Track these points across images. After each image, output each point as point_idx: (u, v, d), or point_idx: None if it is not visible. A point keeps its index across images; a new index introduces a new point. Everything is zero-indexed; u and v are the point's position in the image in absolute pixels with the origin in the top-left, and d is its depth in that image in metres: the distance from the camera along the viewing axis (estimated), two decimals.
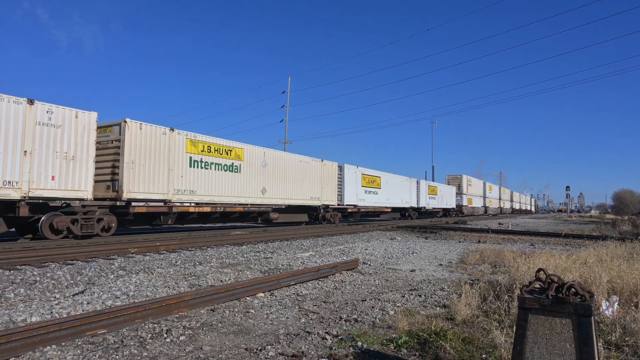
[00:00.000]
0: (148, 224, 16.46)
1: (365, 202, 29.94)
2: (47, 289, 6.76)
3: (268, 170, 21.15)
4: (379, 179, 32.51)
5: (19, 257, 9.08)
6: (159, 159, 15.64)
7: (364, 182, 29.94)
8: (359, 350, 4.21)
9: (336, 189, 26.67)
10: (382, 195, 32.63)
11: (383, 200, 32.75)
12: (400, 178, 36.50)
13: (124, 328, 4.69)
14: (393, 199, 34.44)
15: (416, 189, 39.45)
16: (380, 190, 32.37)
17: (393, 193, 34.43)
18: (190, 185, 16.81)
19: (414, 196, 38.86)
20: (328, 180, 26.05)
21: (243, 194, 19.45)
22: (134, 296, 6.36)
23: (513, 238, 18.27)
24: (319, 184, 25.08)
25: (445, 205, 46.70)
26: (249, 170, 19.83)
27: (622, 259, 7.98)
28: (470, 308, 5.44)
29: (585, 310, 2.63)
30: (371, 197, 30.90)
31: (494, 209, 69.84)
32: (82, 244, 11.92)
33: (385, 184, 33.26)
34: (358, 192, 28.95)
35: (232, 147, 19.12)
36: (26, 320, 5.01)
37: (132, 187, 14.61)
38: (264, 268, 9.22)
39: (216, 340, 4.51)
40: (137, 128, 14.93)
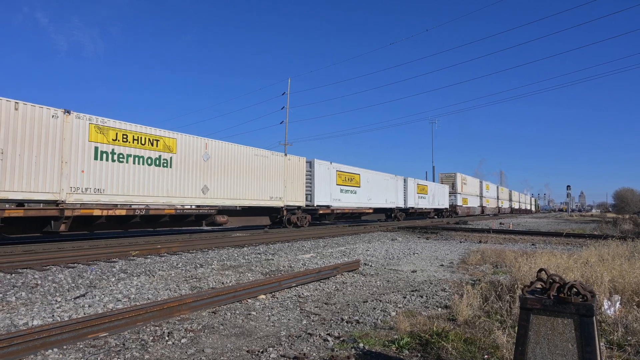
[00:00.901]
0: (36, 230, 13.22)
1: (342, 203, 26.98)
2: (49, 292, 6.77)
3: (211, 165, 17.96)
4: (358, 176, 29.39)
5: (20, 261, 9.09)
6: (45, 148, 12.66)
7: (339, 180, 26.84)
8: (360, 351, 4.20)
9: (304, 188, 23.61)
10: (363, 195, 29.64)
11: (363, 200, 29.79)
12: (384, 176, 33.36)
13: (126, 331, 4.69)
14: (376, 199, 31.41)
15: (403, 188, 36.58)
16: (360, 189, 29.37)
17: (376, 192, 31.43)
18: (96, 183, 13.87)
19: (400, 196, 35.87)
20: (294, 178, 22.87)
21: (175, 193, 16.30)
22: (135, 299, 6.36)
23: (514, 238, 18.25)
24: (281, 182, 21.86)
25: (437, 205, 44.02)
26: (183, 165, 16.71)
27: (623, 258, 7.97)
28: (472, 309, 5.43)
29: (587, 310, 2.63)
30: (349, 197, 27.88)
31: (492, 209, 67.01)
32: (83, 247, 11.92)
33: (366, 182, 30.19)
34: (332, 191, 25.86)
35: (159, 137, 15.81)
36: (28, 323, 5.01)
37: (1, 185, 11.65)
38: (265, 270, 9.21)
39: (218, 343, 4.51)
40: (11, 108, 11.93)
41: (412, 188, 38.22)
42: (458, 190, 50.79)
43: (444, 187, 47.40)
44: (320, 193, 24.77)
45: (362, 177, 29.96)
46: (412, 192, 37.89)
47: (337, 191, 26.70)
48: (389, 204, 33.64)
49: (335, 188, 26.36)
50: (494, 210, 67.99)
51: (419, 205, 39.62)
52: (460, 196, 51.14)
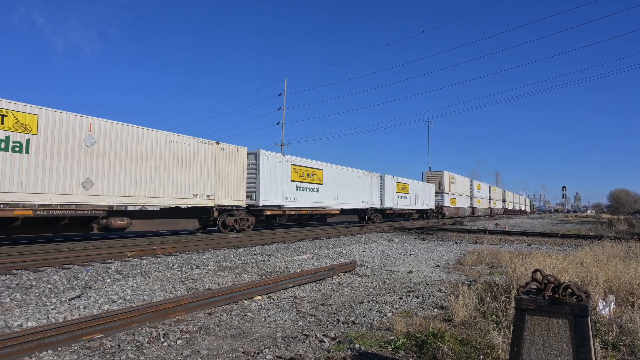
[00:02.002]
0: None
1: (298, 202, 23.10)
2: (43, 293, 6.73)
3: (99, 153, 14.06)
4: (321, 172, 25.34)
5: (14, 262, 9.03)
6: None
7: (295, 176, 22.93)
8: (356, 352, 4.20)
9: (244, 184, 19.84)
10: (327, 193, 25.75)
11: (328, 200, 26.00)
12: (355, 172, 29.42)
13: (121, 332, 4.66)
14: (344, 198, 27.66)
15: (379, 187, 32.59)
16: (323, 186, 25.40)
17: (344, 191, 27.71)
18: None
19: (375, 195, 31.92)
20: (230, 172, 19.01)
21: (35, 187, 12.34)
22: (130, 300, 6.33)
23: (510, 239, 18.30)
24: (211, 177, 18.01)
25: (420, 205, 40.26)
26: (50, 150, 12.77)
27: (618, 258, 8.01)
28: (468, 309, 5.45)
29: (582, 311, 2.64)
30: (308, 196, 24.01)
31: (483, 210, 63.02)
32: (78, 248, 11.86)
33: (331, 179, 26.32)
34: (285, 189, 22.07)
35: (8, 111, 11.94)
36: (22, 325, 4.98)
37: None
38: (261, 271, 9.20)
39: (213, 344, 4.49)
40: None
41: (390, 186, 34.40)
42: (445, 189, 47.07)
43: (429, 187, 43.92)
44: (268, 190, 20.94)
45: (326, 172, 25.94)
46: (390, 191, 34.05)
47: (292, 188, 22.70)
48: (361, 204, 29.83)
49: (289, 185, 22.46)
50: (485, 211, 64.44)
51: (399, 206, 35.69)
52: (448, 196, 47.53)
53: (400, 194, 36.15)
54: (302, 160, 24.13)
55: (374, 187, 31.86)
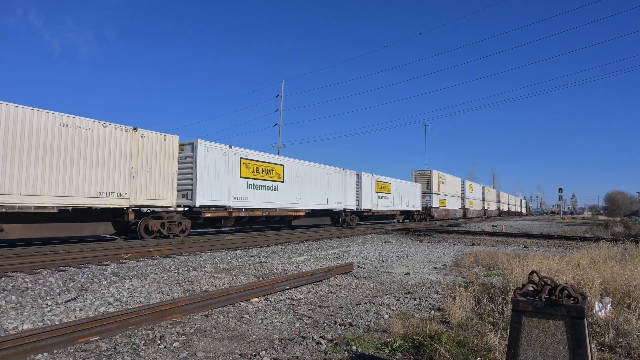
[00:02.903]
0: None
1: (250, 202, 19.95)
2: (39, 295, 6.69)
3: None
4: (280, 167, 22.16)
5: (10, 264, 8.98)
6: None
7: (246, 172, 19.88)
8: (353, 354, 4.20)
9: (173, 181, 16.52)
10: (289, 193, 22.59)
11: (291, 200, 22.74)
12: (325, 169, 26.31)
13: (117, 335, 4.64)
14: (312, 198, 24.52)
15: (355, 186, 29.59)
16: (284, 185, 22.23)
17: (312, 190, 24.55)
18: None
19: (351, 195, 28.96)
20: (153, 166, 15.67)
21: None
22: (127, 302, 6.31)
23: (507, 240, 18.34)
24: (126, 171, 14.74)
25: (405, 206, 37.19)
26: None
27: (614, 260, 8.04)
28: (465, 311, 5.45)
29: (578, 312, 2.64)
30: (263, 195, 20.82)
31: (476, 212, 59.88)
32: (74, 250, 11.81)
33: (294, 176, 23.13)
34: (233, 187, 18.98)
35: None
36: (17, 327, 4.95)
37: None
38: (258, 273, 9.18)
39: (210, 346, 4.48)
40: None
41: (369, 186, 31.32)
42: (434, 189, 44.02)
43: (415, 186, 40.79)
44: (209, 188, 17.77)
45: (288, 169, 22.74)
46: (368, 191, 31.00)
47: (242, 186, 19.55)
48: (333, 204, 26.77)
49: (238, 182, 19.34)
50: (478, 213, 61.32)
51: (379, 207, 32.64)
52: (437, 197, 44.55)
53: (381, 194, 33.09)
54: (256, 153, 20.87)
55: (349, 186, 28.85)
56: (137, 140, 15.30)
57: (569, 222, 51.28)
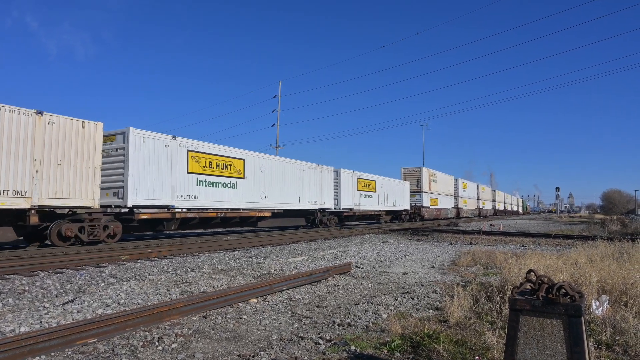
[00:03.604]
0: None
1: (201, 201, 17.38)
2: (36, 298, 6.67)
3: None
4: (240, 162, 19.50)
5: (7, 266, 8.95)
6: None
7: (196, 167, 17.26)
8: (352, 354, 4.20)
9: (95, 176, 14.06)
10: (251, 191, 19.98)
11: (254, 199, 20.18)
12: (297, 164, 23.74)
13: (115, 337, 4.63)
14: (279, 197, 22.00)
15: (333, 183, 27.09)
16: (245, 181, 19.70)
17: (279, 188, 22.06)
18: None
19: (328, 193, 26.36)
20: (67, 158, 13.29)
21: None
22: (125, 304, 6.29)
23: (504, 239, 18.39)
24: (26, 164, 12.34)
25: (391, 206, 34.71)
26: None
27: (611, 258, 8.06)
28: (463, 310, 5.46)
29: (575, 311, 2.66)
30: (218, 193, 18.24)
31: (470, 211, 57.43)
32: (72, 252, 11.78)
33: (258, 172, 20.61)
34: (178, 184, 16.40)
35: None
36: (15, 330, 4.93)
37: None
38: (256, 273, 9.18)
39: (208, 348, 4.47)
40: None
41: (349, 183, 28.95)
42: (424, 188, 41.30)
43: (403, 184, 38.08)
44: (145, 185, 15.14)
45: (250, 163, 20.16)
46: (349, 189, 28.71)
47: (191, 183, 16.95)
48: (306, 204, 24.16)
49: (185, 178, 16.77)
50: (472, 212, 58.98)
51: (362, 207, 30.39)
52: (428, 195, 42.01)
53: (364, 193, 30.73)
54: (209, 145, 18.20)
55: (326, 184, 26.27)
56: (42, 126, 12.75)
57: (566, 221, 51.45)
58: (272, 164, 21.90)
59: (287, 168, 22.98)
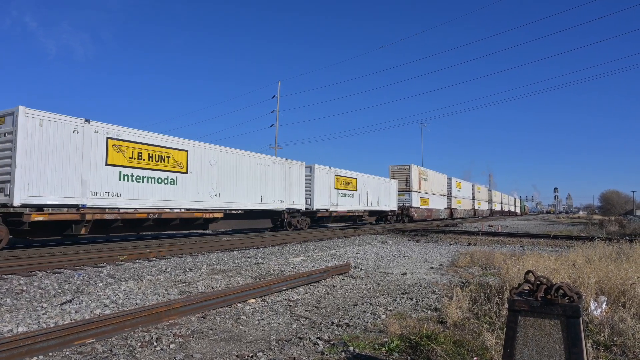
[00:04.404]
0: None
1: (124, 200, 14.33)
2: (34, 298, 6.66)
3: None
4: (182, 154, 16.55)
5: (4, 266, 8.92)
6: None
7: (118, 158, 14.22)
8: (350, 355, 4.20)
9: None
10: (196, 188, 17.08)
11: (200, 197, 17.27)
12: (259, 158, 21.11)
13: (113, 337, 4.63)
14: (234, 196, 19.09)
15: (306, 181, 24.33)
16: (189, 177, 16.75)
17: (235, 185, 19.15)
18: None
19: (299, 191, 23.52)
20: None
21: None
22: (123, 304, 6.28)
23: (503, 240, 18.41)
24: None
25: (375, 206, 32.06)
26: None
27: (609, 259, 8.08)
28: (461, 311, 5.47)
29: (574, 311, 2.66)
30: (151, 190, 15.22)
31: (465, 212, 54.85)
32: (70, 252, 11.75)
33: (207, 165, 17.70)
34: (92, 179, 13.57)
35: None
36: (12, 330, 4.92)
37: None
38: (255, 274, 9.17)
39: (207, 348, 4.47)
40: None
41: (326, 181, 25.95)
42: (414, 187, 38.10)
43: (390, 183, 34.99)
44: (43, 179, 12.35)
45: (195, 156, 17.17)
46: (324, 187, 25.75)
47: (111, 178, 14.02)
48: (271, 203, 21.40)
49: (104, 172, 13.90)
50: (467, 213, 56.07)
51: (340, 207, 27.49)
52: (417, 195, 38.98)
53: (343, 191, 27.96)
54: (138, 133, 14.97)
55: (296, 181, 23.44)
56: None
57: (565, 222, 51.52)
58: (225, 157, 18.96)
59: (246, 162, 20.09)
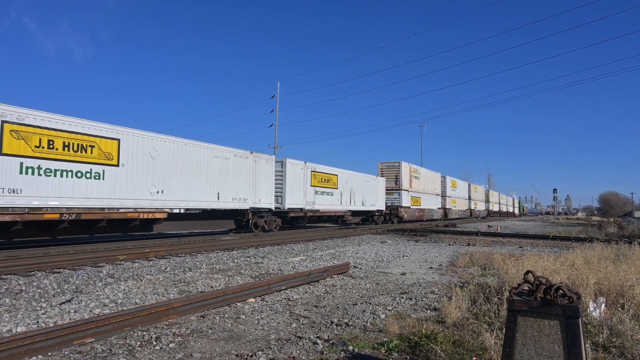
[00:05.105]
0: None
1: (25, 198, 11.84)
2: (33, 298, 6.65)
3: None
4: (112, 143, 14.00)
5: (3, 266, 8.91)
6: None
7: (20, 147, 11.83)
8: (350, 354, 4.20)
9: None
10: (130, 183, 14.44)
11: (136, 195, 14.63)
12: (216, 150, 18.25)
13: (113, 336, 4.62)
14: (181, 193, 16.40)
15: (273, 177, 21.56)
16: (121, 170, 14.19)
17: (182, 180, 16.45)
18: None
19: (266, 188, 20.93)
20: None
21: None
22: (122, 304, 6.28)
23: (502, 240, 18.42)
24: None
25: (360, 205, 29.60)
26: None
27: (608, 260, 8.09)
28: (461, 311, 5.47)
29: (573, 312, 2.66)
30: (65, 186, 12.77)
31: (460, 212, 52.30)
32: (69, 252, 11.74)
33: (146, 157, 15.06)
34: None
35: None
36: (11, 330, 4.92)
37: None
38: (254, 273, 9.17)
39: (206, 347, 4.47)
40: None
41: (300, 177, 23.38)
42: (404, 185, 35.28)
43: (376, 181, 32.49)
44: None
45: (128, 145, 14.52)
46: (298, 184, 23.14)
47: (7, 170, 11.55)
48: (230, 202, 18.84)
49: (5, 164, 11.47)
50: (463, 213, 53.55)
51: (318, 205, 24.82)
52: (408, 194, 36.18)
53: (321, 189, 25.30)
54: (49, 117, 12.51)
55: (263, 177, 20.76)
56: None
57: (564, 223, 51.56)
58: (171, 148, 16.21)
59: (198, 155, 17.36)
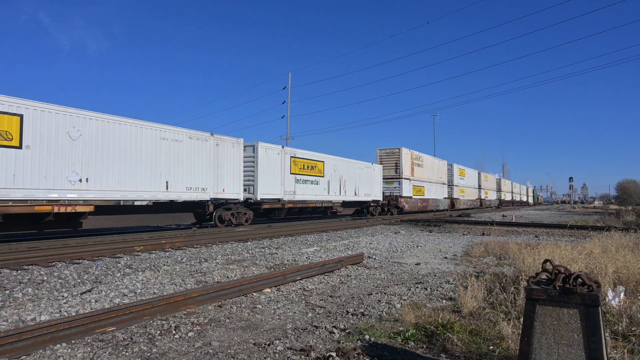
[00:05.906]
0: None
1: None
2: (55, 288, 6.82)
3: None
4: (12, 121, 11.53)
5: (25, 257, 9.14)
6: None
7: None
8: (366, 343, 4.23)
9: None
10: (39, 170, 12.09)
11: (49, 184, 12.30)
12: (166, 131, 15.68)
13: (133, 325, 4.73)
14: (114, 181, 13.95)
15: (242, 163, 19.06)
16: (25, 154, 11.79)
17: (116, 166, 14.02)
18: None
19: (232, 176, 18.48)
20: None
21: None
22: (141, 294, 6.40)
23: (517, 230, 18.25)
24: None
25: (352, 195, 26.82)
26: None
27: (627, 249, 7.97)
28: (477, 300, 5.45)
29: (593, 300, 2.64)
30: None
31: (469, 202, 48.27)
32: (87, 243, 11.98)
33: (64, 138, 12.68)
34: None
35: None
36: (35, 319, 5.05)
37: None
38: (269, 264, 9.25)
39: (224, 336, 4.54)
40: None
41: (277, 164, 20.86)
42: (405, 173, 32.04)
43: (372, 168, 29.37)
44: None
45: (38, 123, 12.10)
46: (274, 172, 20.66)
47: None
48: (184, 192, 16.39)
49: None
50: (472, 203, 49.56)
51: (300, 196, 22.37)
52: (410, 183, 32.84)
53: (304, 177, 22.72)
54: None
55: (228, 163, 18.23)
56: None
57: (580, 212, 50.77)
58: (100, 127, 13.55)
59: (139, 135, 14.68)
